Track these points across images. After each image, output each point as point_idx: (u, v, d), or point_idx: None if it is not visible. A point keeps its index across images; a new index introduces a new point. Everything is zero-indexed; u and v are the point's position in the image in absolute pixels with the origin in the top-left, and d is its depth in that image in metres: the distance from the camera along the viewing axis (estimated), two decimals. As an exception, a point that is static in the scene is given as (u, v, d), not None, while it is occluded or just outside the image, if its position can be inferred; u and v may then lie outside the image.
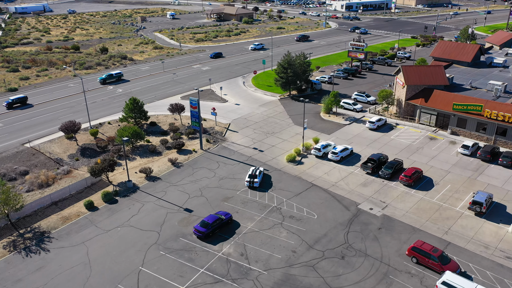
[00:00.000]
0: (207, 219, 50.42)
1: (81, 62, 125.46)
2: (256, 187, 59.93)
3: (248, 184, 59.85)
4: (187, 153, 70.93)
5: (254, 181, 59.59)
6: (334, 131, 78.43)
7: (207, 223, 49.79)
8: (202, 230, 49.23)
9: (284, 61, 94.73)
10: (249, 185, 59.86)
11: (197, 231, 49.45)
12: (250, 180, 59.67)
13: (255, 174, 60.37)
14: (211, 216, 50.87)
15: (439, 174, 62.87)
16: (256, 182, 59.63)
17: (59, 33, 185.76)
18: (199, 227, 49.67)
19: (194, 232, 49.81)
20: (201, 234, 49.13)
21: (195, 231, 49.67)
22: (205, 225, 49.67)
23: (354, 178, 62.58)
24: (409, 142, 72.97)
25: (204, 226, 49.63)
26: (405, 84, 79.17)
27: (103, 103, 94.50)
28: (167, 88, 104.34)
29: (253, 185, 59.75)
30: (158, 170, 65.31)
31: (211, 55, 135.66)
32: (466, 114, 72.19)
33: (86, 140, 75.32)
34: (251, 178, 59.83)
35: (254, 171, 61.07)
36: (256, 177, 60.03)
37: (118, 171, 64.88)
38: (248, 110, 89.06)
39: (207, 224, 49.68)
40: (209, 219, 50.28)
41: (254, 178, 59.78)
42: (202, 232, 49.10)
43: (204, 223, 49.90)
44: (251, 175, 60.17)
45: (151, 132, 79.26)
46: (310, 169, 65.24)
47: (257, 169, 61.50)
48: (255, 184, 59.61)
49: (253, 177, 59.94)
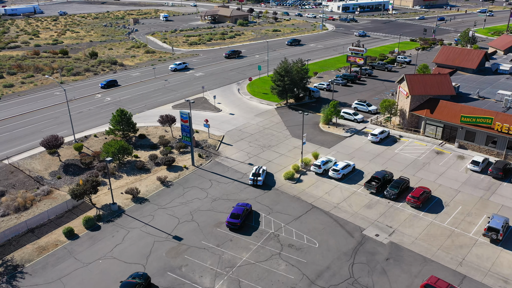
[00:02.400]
0: (236, 210, 52.55)
1: (69, 68, 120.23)
2: (259, 185, 61.63)
3: (252, 182, 61.62)
4: (178, 170, 66.17)
5: (257, 179, 61.41)
6: (334, 144, 73.89)
7: (237, 214, 51.91)
8: (235, 221, 51.18)
9: (281, 68, 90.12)
10: (253, 183, 61.64)
11: (231, 224, 51.25)
12: (254, 178, 61.55)
13: (259, 173, 62.14)
14: (238, 208, 53.08)
15: (448, 194, 58.44)
16: (260, 180, 61.43)
17: (49, 36, 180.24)
18: (232, 219, 51.51)
19: (227, 225, 51.60)
20: (236, 226, 51.14)
21: (228, 224, 51.42)
22: (237, 216, 51.75)
23: (358, 198, 58.04)
24: (414, 157, 68.54)
25: (236, 217, 51.66)
26: (409, 94, 74.76)
27: (90, 113, 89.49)
28: (158, 96, 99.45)
29: (257, 183, 61.49)
30: (145, 190, 60.49)
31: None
32: (475, 127, 67.86)
33: (70, 155, 70.41)
34: (255, 176, 61.68)
35: (258, 169, 62.83)
36: (259, 175, 61.85)
37: (102, 192, 60.01)
38: (243, 121, 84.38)
39: (238, 215, 51.82)
40: (238, 211, 52.49)
41: (257, 177, 61.61)
42: (235, 223, 51.08)
43: (234, 215, 51.90)
44: (255, 174, 61.98)
45: (139, 146, 74.42)
46: (309, 188, 60.65)
47: (260, 168, 63.29)
48: (258, 182, 61.41)
49: (256, 175, 61.75)
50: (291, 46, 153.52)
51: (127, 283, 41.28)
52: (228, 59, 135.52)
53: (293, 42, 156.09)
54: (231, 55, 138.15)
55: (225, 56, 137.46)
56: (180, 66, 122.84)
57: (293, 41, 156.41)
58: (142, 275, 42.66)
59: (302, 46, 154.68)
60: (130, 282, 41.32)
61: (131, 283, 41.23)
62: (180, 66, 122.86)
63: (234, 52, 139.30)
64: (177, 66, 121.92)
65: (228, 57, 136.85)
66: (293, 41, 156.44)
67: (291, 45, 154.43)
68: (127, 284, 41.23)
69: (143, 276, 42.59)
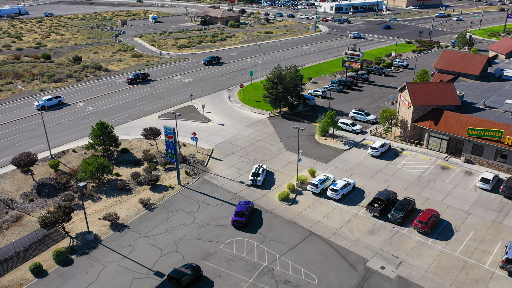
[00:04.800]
0: (240, 208, 51.96)
1: (50, 73, 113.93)
2: (259, 185, 60.36)
3: (251, 182, 60.39)
4: (162, 190, 60.61)
5: (257, 179, 60.20)
6: (331, 158, 68.72)
7: (242, 212, 51.29)
8: (241, 219, 50.54)
9: (274, 75, 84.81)
10: (252, 183, 60.42)
11: (236, 222, 50.67)
12: (253, 178, 60.31)
13: (258, 173, 60.87)
14: (241, 206, 52.43)
15: (458, 217, 53.48)
16: (259, 180, 60.23)
17: (32, 38, 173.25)
18: (237, 217, 50.85)
19: (233, 224, 51.05)
20: (241, 224, 50.59)
21: (233, 222, 50.84)
22: (242, 214, 51.09)
23: (359, 223, 52.87)
24: (418, 173, 63.55)
25: (241, 215, 50.98)
26: (411, 104, 69.82)
27: (69, 125, 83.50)
28: (144, 105, 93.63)
29: (256, 184, 60.24)
30: (126, 215, 54.84)
31: None
32: (483, 140, 63.03)
33: (45, 174, 64.56)
34: (254, 176, 60.43)
35: (257, 169, 61.70)
36: (259, 175, 60.63)
37: (78, 217, 54.28)
38: (234, 132, 78.94)
39: (243, 213, 51.19)
40: (242, 209, 51.86)
41: (257, 177, 60.33)
42: (241, 221, 50.49)
43: (239, 213, 51.22)
44: (254, 174, 60.76)
45: (122, 162, 68.72)
46: (306, 211, 55.40)
47: (260, 167, 62.21)
48: (258, 182, 60.21)
49: (256, 175, 60.48)
50: (208, 66, 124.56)
51: (177, 271, 42.46)
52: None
53: (211, 61, 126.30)
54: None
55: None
56: (50, 102, 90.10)
57: (211, 60, 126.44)
58: (194, 267, 43.59)
59: (223, 65, 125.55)
60: (179, 271, 42.36)
61: (181, 272, 42.25)
62: (51, 103, 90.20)
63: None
64: (45, 103, 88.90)
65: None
66: (211, 59, 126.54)
67: (209, 64, 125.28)
68: (177, 272, 42.41)
69: (196, 268, 43.46)
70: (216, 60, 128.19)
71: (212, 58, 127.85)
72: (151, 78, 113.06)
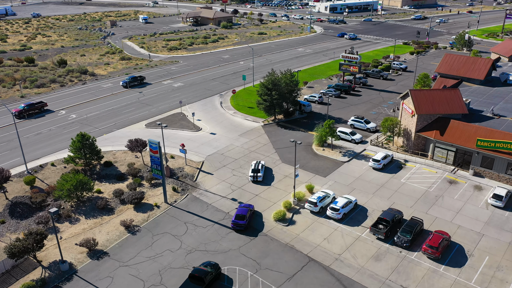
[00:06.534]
0: (240, 211, 50.99)
1: (32, 78, 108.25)
2: (259, 180, 60.39)
3: (252, 179, 60.36)
4: (147, 209, 55.53)
5: (257, 175, 60.12)
6: (330, 171, 63.96)
7: (242, 215, 50.33)
8: (241, 222, 49.76)
9: (268, 81, 79.89)
10: (253, 179, 60.40)
11: (236, 225, 49.90)
12: (254, 175, 60.22)
13: (258, 169, 60.78)
14: (242, 209, 51.54)
15: (470, 239, 48.90)
16: (260, 176, 60.19)
17: (17, 41, 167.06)
18: (237, 220, 49.98)
19: (233, 227, 50.26)
20: (242, 227, 49.86)
21: (233, 225, 50.11)
22: (242, 217, 50.17)
23: (363, 246, 48.12)
24: (424, 188, 58.92)
25: (242, 218, 50.09)
26: (415, 112, 65.23)
27: (50, 135, 78.12)
28: (131, 112, 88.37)
29: (257, 179, 60.21)
30: (106, 240, 49.71)
31: None
32: (494, 152, 58.55)
33: (19, 191, 59.29)
34: (255, 172, 60.33)
35: (256, 165, 61.60)
36: (259, 171, 60.51)
37: (53, 242, 49.06)
38: (226, 142, 73.98)
39: (243, 216, 50.27)
40: (242, 212, 50.89)
41: (257, 173, 60.26)
42: (241, 225, 49.75)
43: (239, 216, 50.30)
44: (254, 170, 60.70)
45: (104, 176, 63.55)
46: (305, 233, 50.57)
47: (258, 163, 62.17)
48: (258, 178, 60.14)
49: (256, 171, 60.40)
50: (127, 89, 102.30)
51: (199, 270, 41.88)
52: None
53: (132, 82, 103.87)
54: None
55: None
56: None
57: (133, 80, 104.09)
58: (214, 265, 43.22)
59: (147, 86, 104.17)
60: (201, 269, 41.85)
61: (203, 270, 41.69)
62: None
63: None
64: None
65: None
66: (132, 80, 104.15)
67: (129, 86, 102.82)
68: (199, 270, 41.82)
69: (215, 266, 43.11)
70: (139, 81, 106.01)
71: (133, 78, 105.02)
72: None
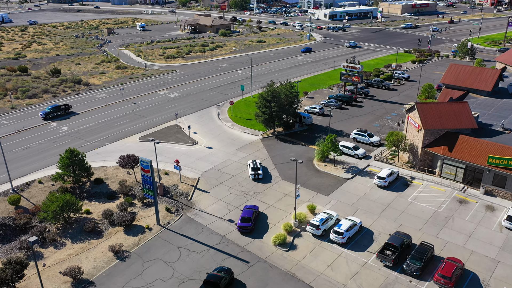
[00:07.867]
0: (246, 214, 51.11)
1: (24, 89, 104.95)
2: (260, 178, 61.62)
3: (253, 177, 61.56)
4: (138, 232, 52.05)
5: (258, 173, 61.27)
6: (333, 189, 60.58)
7: (248, 217, 50.40)
8: (247, 225, 49.76)
9: (267, 93, 76.75)
10: (254, 177, 61.57)
11: (242, 228, 49.90)
12: (255, 173, 61.46)
13: (257, 167, 61.92)
14: (247, 211, 51.68)
15: (485, 266, 45.46)
16: (260, 173, 61.42)
17: (12, 49, 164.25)
18: (243, 223, 50.03)
19: (239, 230, 50.29)
20: (247, 230, 49.88)
21: (239, 228, 50.13)
22: (247, 219, 50.24)
23: (370, 275, 44.64)
24: (433, 208, 55.52)
25: (247, 220, 50.15)
26: (421, 127, 62.00)
27: (39, 149, 74.71)
28: (125, 124, 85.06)
29: (258, 177, 61.36)
30: (92, 267, 46.19)
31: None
32: (506, 170, 55.25)
33: (3, 211, 55.89)
34: (255, 170, 61.53)
35: (255, 164, 62.63)
36: (258, 169, 61.74)
37: (35, 270, 45.48)
38: (223, 157, 70.61)
39: (249, 218, 50.34)
40: (247, 214, 51.02)
41: (257, 171, 61.40)
42: (247, 227, 49.73)
43: (245, 218, 50.37)
44: (254, 168, 61.84)
45: (94, 195, 60.10)
46: (306, 259, 47.10)
47: (255, 162, 63.20)
48: (259, 176, 61.30)
49: (256, 169, 61.51)
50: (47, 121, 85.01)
51: (213, 275, 42.01)
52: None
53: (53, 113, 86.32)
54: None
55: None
56: None
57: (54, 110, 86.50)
58: (227, 270, 43.24)
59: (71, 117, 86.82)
60: (216, 275, 41.94)
61: (217, 276, 41.77)
62: None
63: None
64: None
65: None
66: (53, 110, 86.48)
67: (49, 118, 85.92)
68: (213, 276, 41.90)
69: (228, 271, 43.14)
70: (63, 111, 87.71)
71: (55, 108, 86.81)
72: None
